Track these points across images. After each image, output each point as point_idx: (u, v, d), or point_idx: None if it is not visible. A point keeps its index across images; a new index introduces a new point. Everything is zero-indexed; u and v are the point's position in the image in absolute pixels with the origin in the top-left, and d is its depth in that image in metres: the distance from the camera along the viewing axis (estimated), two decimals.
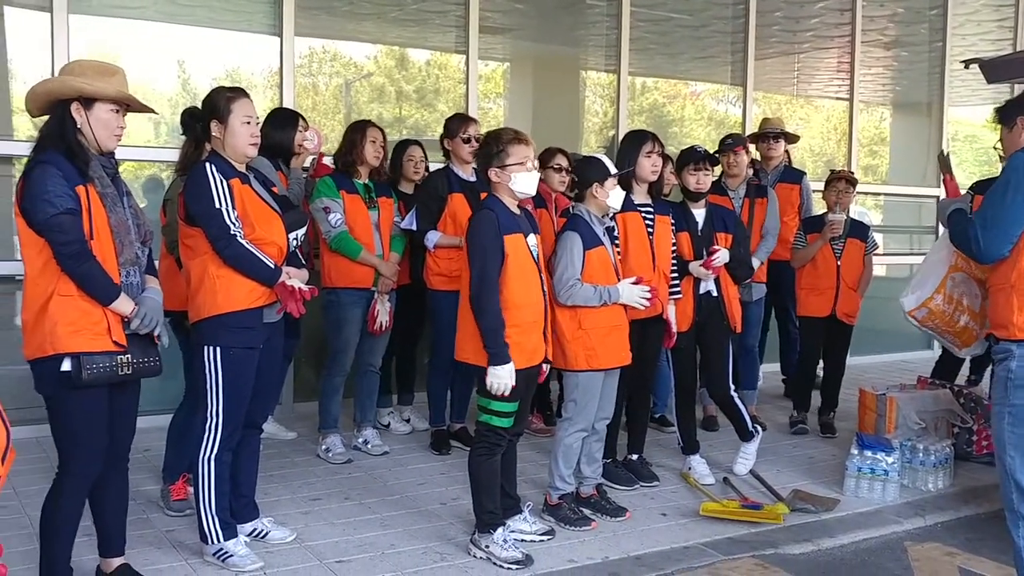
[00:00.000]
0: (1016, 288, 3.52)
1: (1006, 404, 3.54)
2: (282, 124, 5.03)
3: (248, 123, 3.77)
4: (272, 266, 3.74)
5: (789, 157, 7.12)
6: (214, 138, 3.80)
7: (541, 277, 4.02)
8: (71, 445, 3.29)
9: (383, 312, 5.31)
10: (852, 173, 6.31)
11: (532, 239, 4.00)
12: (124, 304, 3.25)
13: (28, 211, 3.15)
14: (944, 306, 4.55)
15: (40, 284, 3.18)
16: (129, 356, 3.26)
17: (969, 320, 4.58)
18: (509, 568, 3.92)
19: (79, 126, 3.25)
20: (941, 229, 4.25)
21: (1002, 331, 3.58)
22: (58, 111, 3.25)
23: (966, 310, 4.56)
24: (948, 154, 5.55)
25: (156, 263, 3.73)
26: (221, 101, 3.77)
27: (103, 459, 3.36)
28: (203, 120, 3.84)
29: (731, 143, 6.05)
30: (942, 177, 5.23)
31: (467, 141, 5.42)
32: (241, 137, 3.76)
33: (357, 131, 5.29)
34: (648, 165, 4.72)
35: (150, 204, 6.06)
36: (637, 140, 4.78)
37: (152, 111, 3.64)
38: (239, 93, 3.83)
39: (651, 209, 4.81)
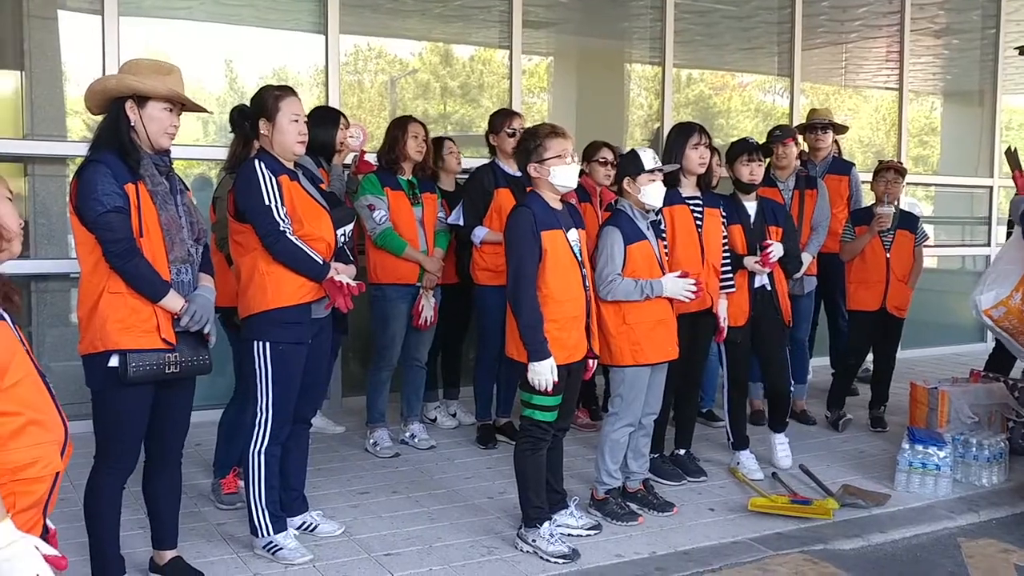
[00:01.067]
0: None
1: None
2: (323, 122, 5.07)
3: (296, 121, 3.81)
4: (321, 262, 3.77)
5: (839, 148, 7.03)
6: (262, 136, 3.84)
7: (583, 272, 4.01)
8: (109, 439, 3.36)
9: (427, 307, 5.34)
10: (901, 163, 6.22)
11: (573, 234, 3.99)
12: (173, 301, 3.29)
13: (79, 210, 3.21)
14: (1022, 305, 4.41)
15: (92, 281, 3.24)
16: (177, 354, 3.30)
17: None
18: (556, 562, 3.93)
19: (133, 124, 3.29)
20: (1009, 229, 4.10)
21: None
22: (113, 109, 3.31)
23: None
24: (1015, 149, 5.40)
25: None
26: (269, 99, 3.81)
27: (137, 455, 3.43)
28: (252, 118, 3.87)
29: (780, 134, 5.98)
30: (1012, 174, 5.09)
31: (511, 135, 5.43)
32: (289, 135, 3.79)
33: (399, 127, 5.32)
34: (695, 157, 4.69)
35: (199, 202, 6.13)
36: (684, 132, 4.76)
37: (205, 110, 3.68)
38: (287, 91, 3.86)
39: (700, 202, 4.77)
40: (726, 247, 4.91)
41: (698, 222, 4.73)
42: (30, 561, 1.91)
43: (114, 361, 3.21)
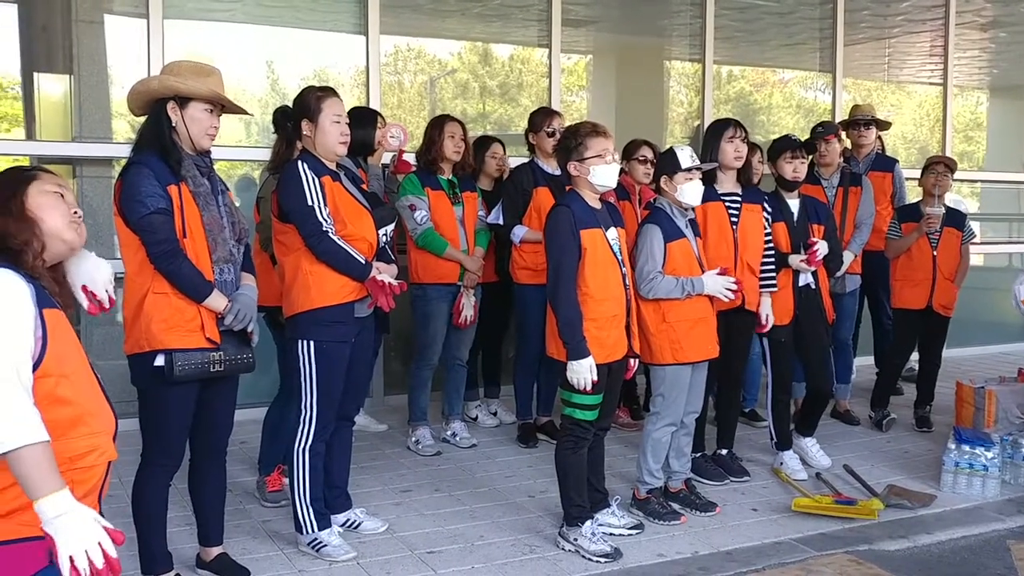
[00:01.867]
0: None
1: None
2: (360, 122, 5.09)
3: (338, 122, 3.84)
4: (363, 261, 3.80)
5: (882, 145, 6.95)
6: (305, 137, 3.87)
7: (623, 271, 4.00)
8: (155, 437, 3.42)
9: (468, 306, 5.35)
10: (952, 158, 6.13)
11: (612, 233, 3.98)
12: (217, 301, 3.33)
13: (123, 211, 3.26)
14: None
15: (137, 282, 3.29)
16: (222, 353, 3.34)
17: None
18: (598, 561, 3.92)
19: (174, 124, 3.33)
20: None
21: None
22: (155, 110, 3.35)
23: None
24: None
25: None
26: (312, 100, 3.83)
27: (183, 452, 3.48)
28: (294, 119, 3.91)
29: (822, 131, 5.93)
30: None
31: (551, 135, 5.42)
32: (331, 136, 3.82)
33: (436, 128, 5.33)
34: (731, 151, 4.64)
35: (243, 203, 6.21)
36: (719, 128, 4.73)
37: (245, 112, 3.71)
38: (329, 92, 3.89)
39: (738, 197, 4.74)
40: (769, 244, 4.87)
41: (733, 219, 4.69)
42: (89, 528, 1.95)
43: (160, 360, 3.25)
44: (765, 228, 4.83)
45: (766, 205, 4.87)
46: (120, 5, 6.39)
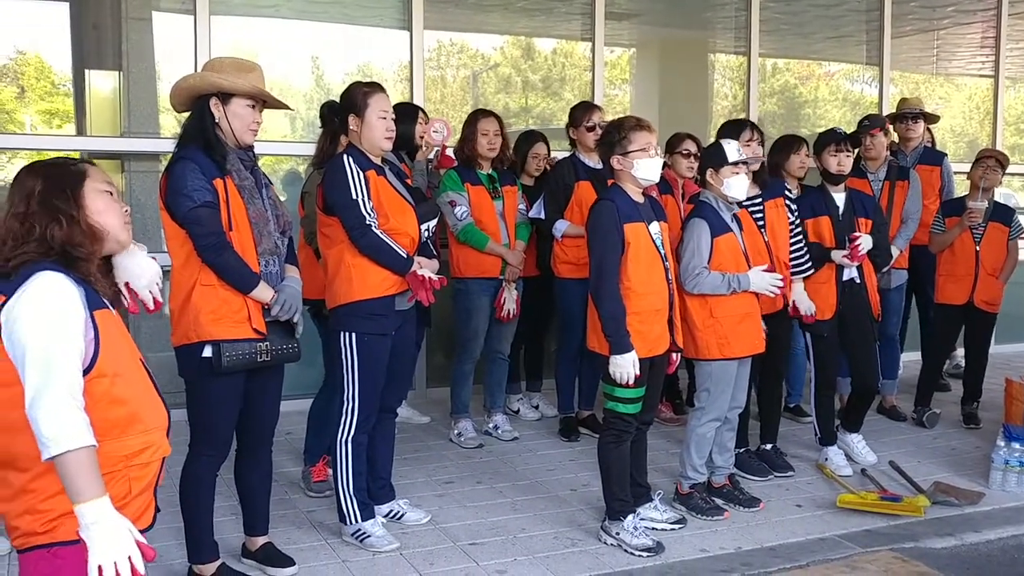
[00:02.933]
0: None
1: None
2: (402, 118, 5.13)
3: (384, 118, 3.87)
4: (404, 256, 3.82)
5: (932, 138, 6.85)
6: (351, 131, 3.90)
7: (666, 265, 3.98)
8: (203, 427, 3.46)
9: (510, 300, 5.37)
10: (1004, 153, 6.02)
11: (655, 227, 3.97)
12: (263, 292, 3.38)
13: (170, 206, 3.30)
14: None
15: (184, 274, 3.34)
16: (268, 343, 3.38)
17: None
18: (640, 555, 3.92)
19: (217, 120, 3.38)
20: None
21: None
22: (198, 106, 3.39)
23: None
24: None
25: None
26: (358, 96, 3.87)
27: (230, 442, 3.54)
28: (341, 114, 3.95)
29: (868, 124, 5.86)
30: None
31: (591, 129, 5.41)
32: (377, 131, 3.85)
33: (470, 125, 5.36)
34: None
35: (288, 197, 6.27)
36: (734, 130, 4.67)
37: (287, 107, 3.74)
38: (376, 88, 3.93)
39: (758, 199, 4.68)
40: (795, 233, 4.82)
41: (759, 222, 4.65)
42: (123, 540, 1.98)
43: (207, 351, 3.30)
44: (789, 218, 4.79)
45: (787, 194, 4.84)
46: (168, 2, 6.48)
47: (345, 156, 3.86)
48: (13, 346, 2.03)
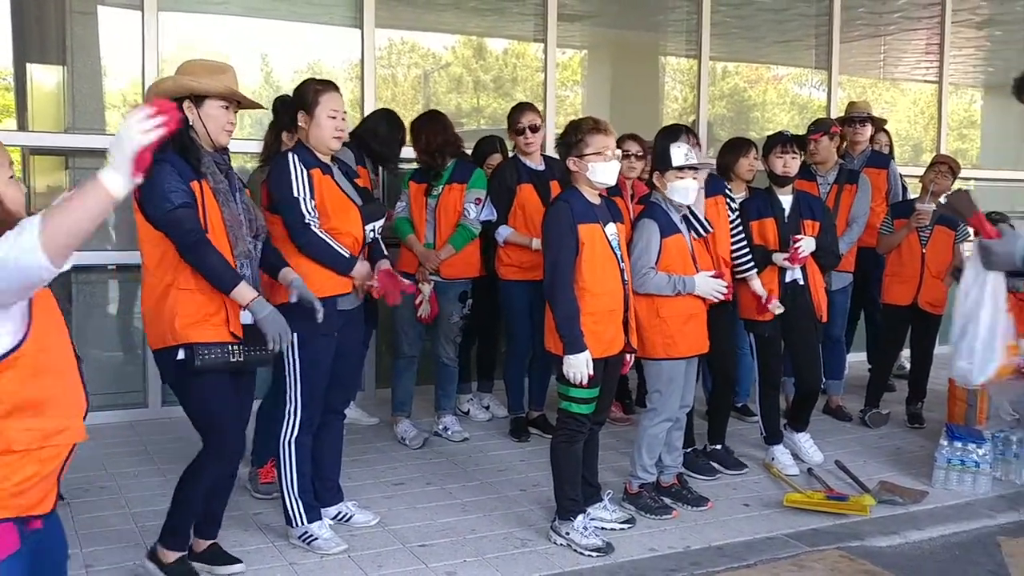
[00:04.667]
0: None
1: None
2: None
3: (334, 117, 3.83)
4: (347, 255, 3.79)
5: (891, 142, 6.97)
6: (300, 128, 3.87)
7: (621, 266, 3.99)
8: (208, 426, 3.43)
9: (424, 300, 5.25)
10: (956, 160, 6.13)
11: (611, 228, 3.97)
12: (245, 291, 3.33)
13: (146, 208, 3.27)
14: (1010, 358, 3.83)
15: (157, 276, 3.32)
16: (241, 345, 3.36)
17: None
18: (590, 555, 3.93)
19: (191, 123, 3.35)
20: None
21: None
22: None
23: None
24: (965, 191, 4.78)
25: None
26: (309, 93, 3.84)
27: (241, 443, 3.52)
28: (291, 110, 3.93)
29: (814, 129, 5.96)
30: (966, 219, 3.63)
31: (520, 132, 5.40)
32: (326, 130, 3.82)
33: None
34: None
35: None
36: (670, 136, 4.59)
37: (260, 107, 3.70)
38: (328, 86, 3.89)
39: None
40: (736, 232, 4.86)
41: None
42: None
43: (181, 355, 3.29)
44: (729, 215, 4.83)
45: (727, 193, 4.88)
46: None
47: (291, 153, 3.82)
48: None
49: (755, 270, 4.89)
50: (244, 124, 6.67)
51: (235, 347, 3.34)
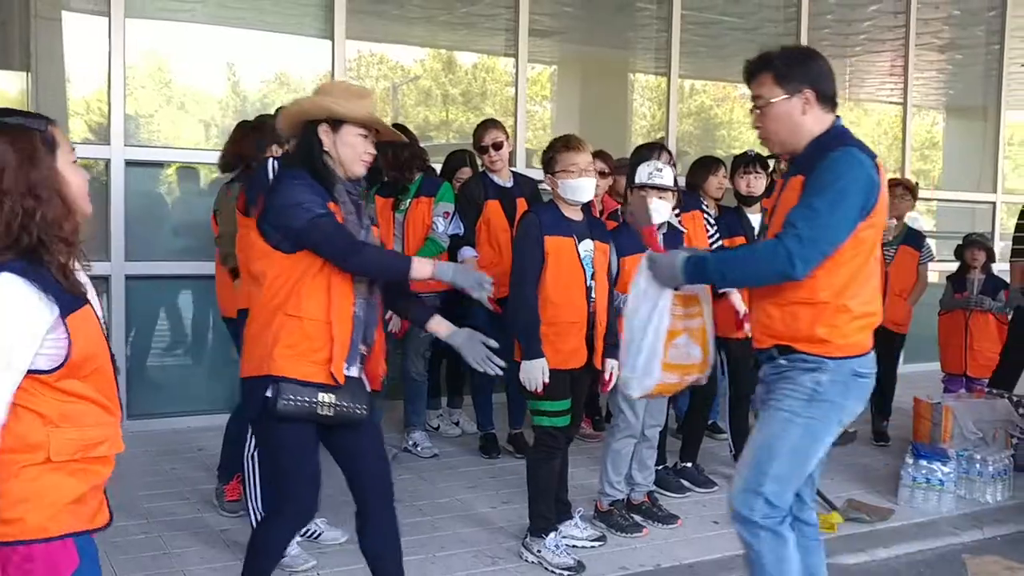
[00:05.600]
0: (831, 304, 2.87)
1: (802, 414, 2.92)
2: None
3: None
4: None
5: None
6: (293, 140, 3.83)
7: (590, 283, 3.97)
8: (276, 481, 3.13)
9: (393, 316, 5.21)
10: (913, 182, 6.22)
11: (587, 244, 3.98)
12: (423, 268, 3.05)
13: (277, 220, 2.94)
14: (668, 376, 3.54)
15: (266, 299, 2.99)
16: (333, 396, 2.97)
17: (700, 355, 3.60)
18: (560, 573, 3.91)
19: (326, 148, 3.05)
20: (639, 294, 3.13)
21: (813, 346, 2.91)
22: (307, 131, 3.07)
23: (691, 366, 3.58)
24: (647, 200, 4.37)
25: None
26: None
27: (312, 502, 3.14)
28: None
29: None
30: (641, 228, 3.70)
31: (483, 151, 5.39)
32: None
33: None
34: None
35: (198, 206, 6.15)
36: (644, 155, 4.49)
37: (402, 139, 3.56)
38: None
39: (676, 212, 4.58)
40: (715, 246, 4.89)
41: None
42: None
43: (270, 391, 2.92)
44: (708, 230, 4.86)
45: (704, 208, 4.94)
46: (80, 2, 6.29)
47: (271, 160, 3.79)
48: None
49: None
50: (210, 135, 6.60)
51: (325, 396, 2.96)
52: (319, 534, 4.13)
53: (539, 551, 3.98)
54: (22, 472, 1.97)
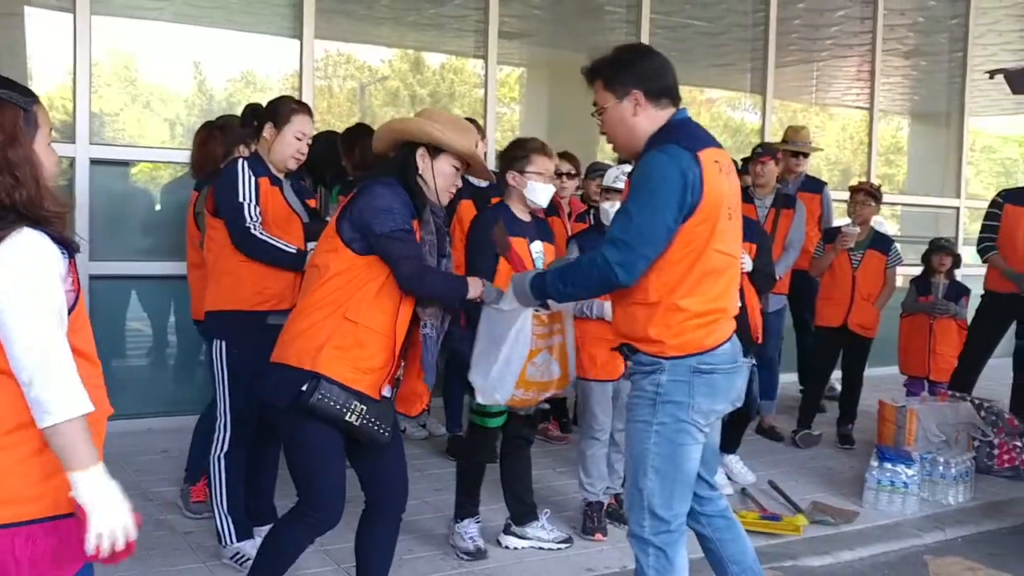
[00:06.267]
0: (662, 304, 2.85)
1: (653, 422, 2.90)
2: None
3: (300, 139, 3.80)
4: (293, 251, 3.71)
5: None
6: (263, 139, 3.83)
7: None
8: (306, 482, 3.07)
9: None
10: (875, 186, 6.28)
11: (537, 246, 4.02)
12: (475, 288, 3.09)
13: (362, 219, 2.93)
14: (525, 393, 3.72)
15: (324, 294, 2.95)
16: (365, 408, 2.94)
17: (559, 371, 3.79)
18: (462, 558, 4.05)
19: (420, 172, 3.09)
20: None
21: (649, 346, 2.91)
22: (403, 152, 3.10)
23: (550, 383, 3.77)
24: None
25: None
26: (285, 109, 3.81)
27: (338, 509, 3.13)
28: (261, 120, 3.87)
29: (760, 152, 6.03)
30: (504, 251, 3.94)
31: None
32: (289, 148, 3.79)
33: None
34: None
35: (164, 206, 6.09)
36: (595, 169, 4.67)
37: (491, 178, 3.60)
38: (304, 108, 3.88)
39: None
40: None
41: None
42: (121, 510, 1.94)
43: (306, 385, 2.89)
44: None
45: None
46: None
47: (241, 160, 3.77)
48: None
49: None
50: (176, 134, 6.54)
51: (358, 404, 2.92)
52: None
53: (452, 535, 4.12)
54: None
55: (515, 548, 4.18)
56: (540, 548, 4.14)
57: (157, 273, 5.94)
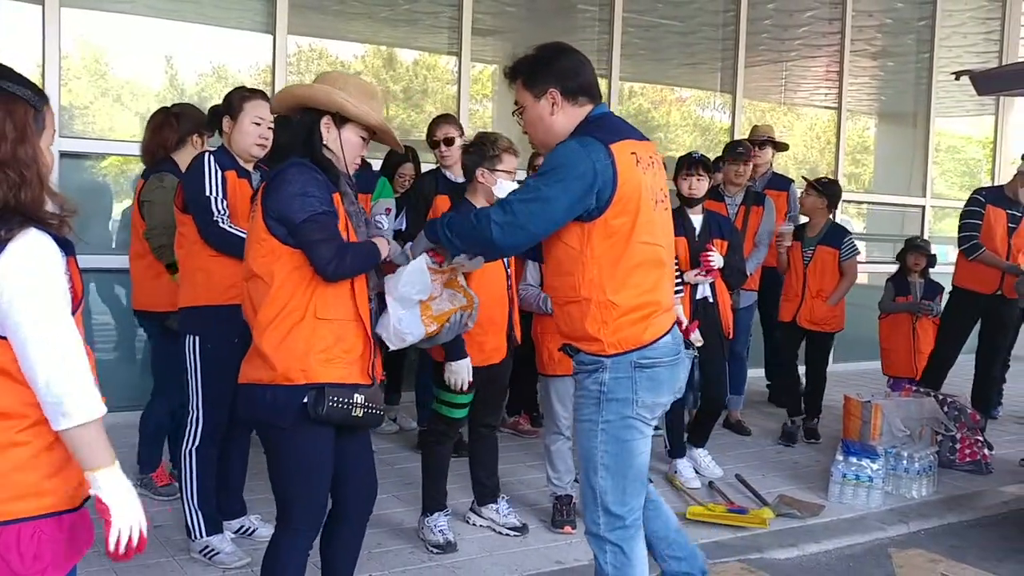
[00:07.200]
0: (593, 300, 2.86)
1: (599, 420, 2.92)
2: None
3: (258, 124, 3.81)
4: None
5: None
6: (224, 133, 3.87)
7: (509, 282, 4.11)
8: (293, 495, 2.96)
9: None
10: (823, 179, 6.36)
11: None
12: (381, 246, 2.94)
13: (284, 210, 2.77)
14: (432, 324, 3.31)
15: (284, 299, 2.80)
16: (363, 397, 2.87)
17: (463, 297, 3.38)
18: (431, 551, 4.07)
19: (325, 142, 2.92)
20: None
21: (590, 345, 2.92)
22: (307, 120, 2.91)
23: (453, 309, 3.36)
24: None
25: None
26: (236, 99, 3.83)
27: (325, 513, 3.04)
28: (219, 115, 3.90)
29: (742, 152, 6.07)
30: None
31: (435, 145, 5.39)
32: (249, 136, 3.81)
33: None
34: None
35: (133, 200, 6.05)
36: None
37: (401, 150, 3.63)
38: (255, 95, 3.88)
39: None
40: None
41: None
42: (137, 509, 1.98)
43: (307, 398, 2.79)
44: None
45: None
46: None
47: (207, 154, 3.79)
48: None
49: (682, 294, 4.94)
50: (134, 123, 6.49)
51: (359, 397, 2.85)
52: (253, 530, 4.12)
53: (422, 528, 4.16)
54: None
55: (475, 524, 4.33)
56: (492, 530, 4.29)
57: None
